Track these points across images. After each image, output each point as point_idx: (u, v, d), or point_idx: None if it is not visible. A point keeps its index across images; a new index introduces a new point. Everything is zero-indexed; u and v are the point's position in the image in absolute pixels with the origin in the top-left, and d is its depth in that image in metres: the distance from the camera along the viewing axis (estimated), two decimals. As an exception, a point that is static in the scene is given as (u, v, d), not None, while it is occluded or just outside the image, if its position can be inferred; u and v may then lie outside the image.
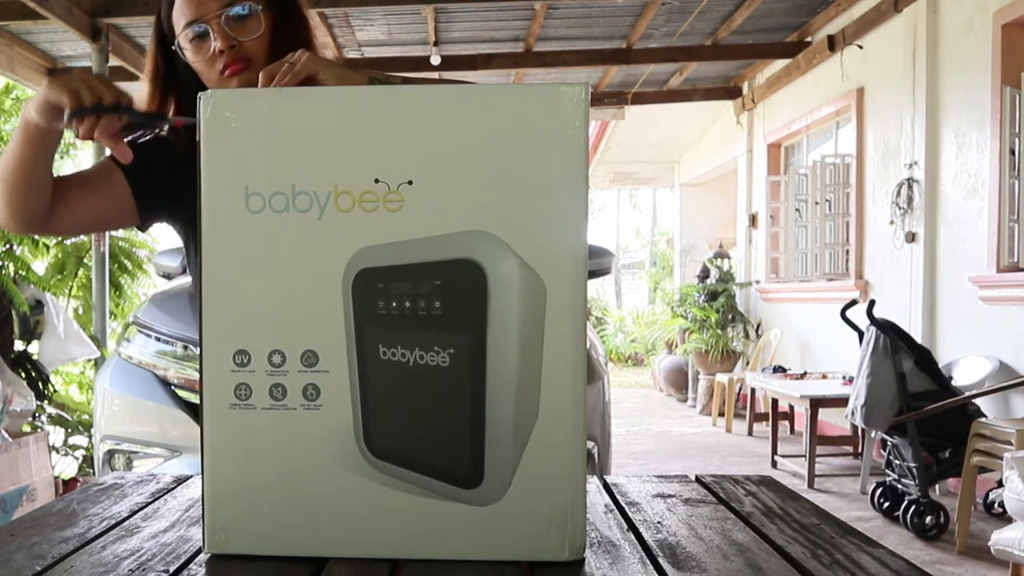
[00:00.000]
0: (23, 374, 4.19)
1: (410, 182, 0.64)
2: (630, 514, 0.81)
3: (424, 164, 0.64)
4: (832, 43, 5.59)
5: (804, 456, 4.56)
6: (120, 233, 5.33)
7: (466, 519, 0.66)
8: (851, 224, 5.68)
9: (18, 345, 4.40)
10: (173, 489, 0.91)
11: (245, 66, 1.20)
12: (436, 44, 6.02)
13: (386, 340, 0.65)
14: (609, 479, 0.97)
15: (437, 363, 0.65)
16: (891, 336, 3.61)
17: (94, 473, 2.68)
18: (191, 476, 0.97)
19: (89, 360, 4.84)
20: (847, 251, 5.80)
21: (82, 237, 5.14)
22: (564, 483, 0.65)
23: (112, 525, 0.77)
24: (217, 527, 0.67)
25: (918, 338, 4.24)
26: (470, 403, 0.65)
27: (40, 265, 5.02)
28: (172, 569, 0.65)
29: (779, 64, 6.52)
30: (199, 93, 0.66)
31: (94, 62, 5.15)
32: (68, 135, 1.09)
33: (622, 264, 17.63)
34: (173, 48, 1.23)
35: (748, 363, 7.14)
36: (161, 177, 1.24)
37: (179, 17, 1.21)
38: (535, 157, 0.65)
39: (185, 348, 2.37)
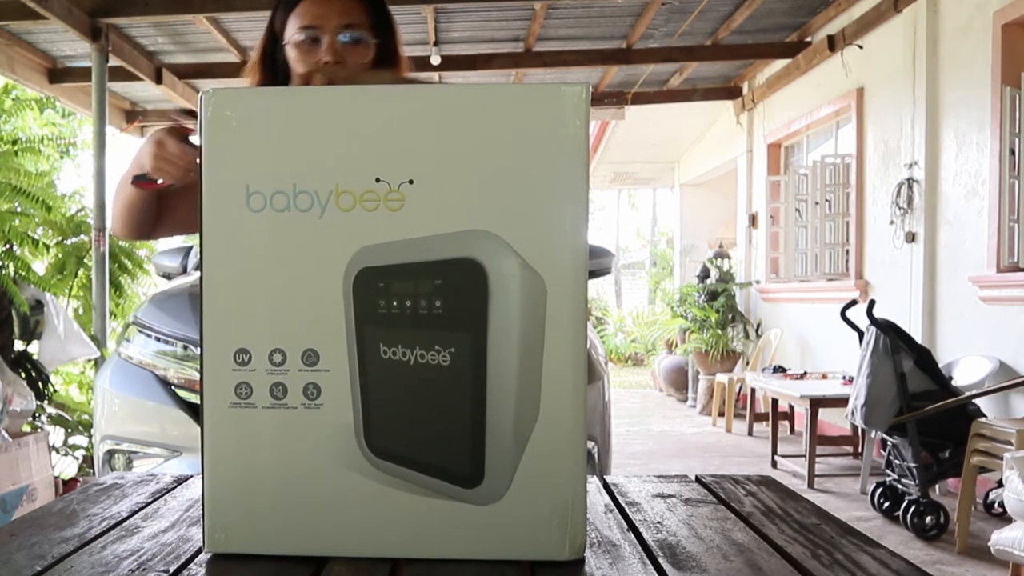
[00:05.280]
0: (23, 374, 4.19)
1: (411, 181, 0.64)
2: (630, 514, 0.81)
3: (425, 163, 0.65)
4: (832, 43, 5.60)
5: (804, 456, 4.57)
6: (120, 233, 5.33)
7: (466, 518, 0.66)
8: (851, 224, 5.68)
9: (18, 345, 4.40)
10: (173, 489, 0.91)
11: (342, 83, 1.29)
12: (436, 44, 6.02)
13: (387, 339, 0.65)
14: (609, 479, 0.97)
15: (438, 362, 0.65)
16: (891, 336, 3.61)
17: (94, 473, 2.68)
18: (191, 476, 0.97)
19: (89, 360, 4.85)
20: (847, 251, 5.80)
21: (82, 237, 5.14)
22: (564, 483, 0.65)
23: (112, 525, 0.77)
24: (217, 527, 0.67)
25: (918, 338, 4.25)
26: (471, 402, 0.65)
27: (40, 265, 5.03)
28: (172, 569, 0.65)
29: (779, 64, 6.53)
30: (204, 90, 0.66)
31: (94, 62, 5.15)
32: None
33: (622, 264, 17.64)
34: (283, 43, 1.33)
35: (748, 363, 7.14)
36: None
37: (298, 17, 1.31)
38: (535, 157, 0.65)
39: (185, 348, 2.37)
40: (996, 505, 3.61)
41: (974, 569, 3.11)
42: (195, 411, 2.29)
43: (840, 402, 4.22)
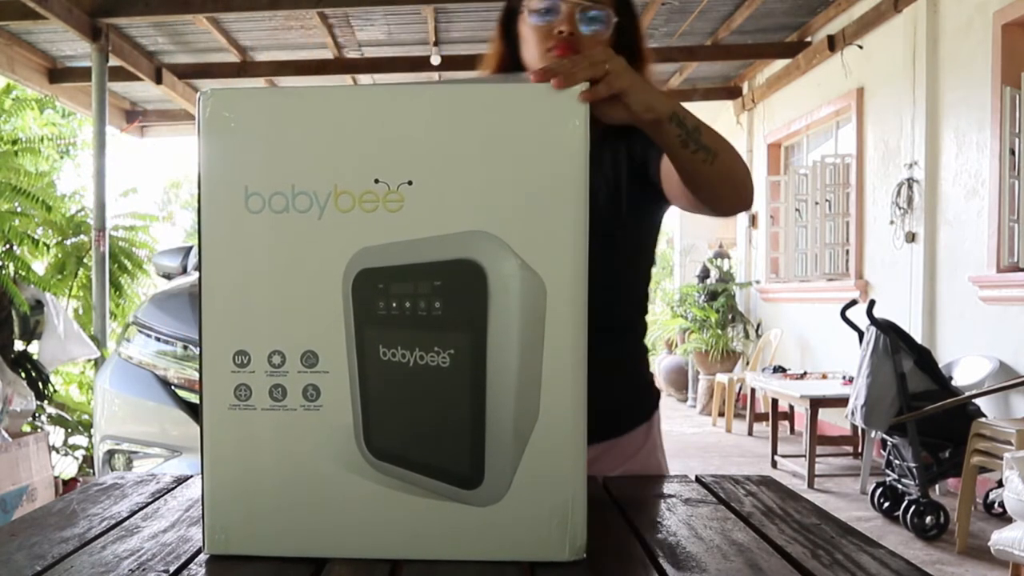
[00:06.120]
0: (23, 374, 4.19)
1: (410, 182, 0.64)
2: (630, 514, 0.81)
3: (424, 164, 0.64)
4: (832, 43, 5.59)
5: (804, 456, 4.56)
6: (120, 233, 5.33)
7: (467, 519, 0.65)
8: (851, 224, 5.68)
9: (18, 345, 4.40)
10: (173, 489, 0.91)
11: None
12: (436, 44, 6.02)
13: (386, 340, 0.65)
14: (609, 479, 0.97)
15: (437, 363, 0.65)
16: (891, 336, 3.61)
17: (94, 473, 2.68)
18: (191, 476, 0.97)
19: (89, 360, 4.84)
20: (847, 251, 5.80)
21: (82, 237, 5.14)
22: (564, 483, 0.65)
23: (112, 525, 0.76)
24: (217, 527, 0.67)
25: (918, 338, 4.24)
26: (470, 403, 0.65)
27: (40, 265, 5.02)
28: (172, 569, 0.65)
29: (779, 64, 6.52)
30: (203, 91, 0.66)
31: (94, 62, 5.15)
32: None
33: (622, 264, 17.59)
34: (520, 12, 1.26)
35: (748, 363, 7.14)
36: None
37: None
38: (535, 157, 0.65)
39: (185, 348, 2.37)
40: (996, 505, 3.60)
41: (974, 569, 3.11)
42: (195, 411, 2.29)
43: (840, 402, 4.21)
